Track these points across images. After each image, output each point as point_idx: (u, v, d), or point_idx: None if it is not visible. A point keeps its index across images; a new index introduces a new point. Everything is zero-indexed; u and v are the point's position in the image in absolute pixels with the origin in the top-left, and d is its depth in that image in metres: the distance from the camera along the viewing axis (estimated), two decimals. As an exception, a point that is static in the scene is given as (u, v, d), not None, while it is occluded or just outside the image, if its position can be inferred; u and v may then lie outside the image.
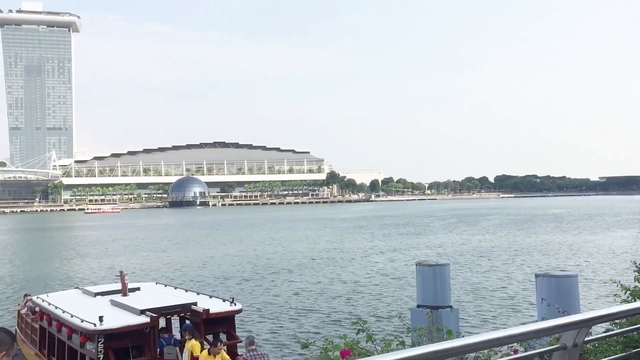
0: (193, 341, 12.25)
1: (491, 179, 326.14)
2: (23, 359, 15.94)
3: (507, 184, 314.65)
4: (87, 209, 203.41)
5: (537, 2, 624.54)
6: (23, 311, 17.05)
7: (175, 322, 15.00)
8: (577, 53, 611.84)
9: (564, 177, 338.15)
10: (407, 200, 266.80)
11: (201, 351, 11.88)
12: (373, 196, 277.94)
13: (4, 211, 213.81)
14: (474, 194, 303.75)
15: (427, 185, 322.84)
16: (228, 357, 11.58)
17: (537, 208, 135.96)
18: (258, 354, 11.62)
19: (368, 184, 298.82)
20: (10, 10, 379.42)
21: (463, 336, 3.67)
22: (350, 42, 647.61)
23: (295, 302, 26.19)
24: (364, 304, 25.18)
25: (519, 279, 31.03)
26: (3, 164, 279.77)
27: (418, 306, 11.79)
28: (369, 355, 4.74)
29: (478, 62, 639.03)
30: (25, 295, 18.15)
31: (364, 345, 5.69)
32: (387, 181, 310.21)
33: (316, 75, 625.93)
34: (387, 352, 4.96)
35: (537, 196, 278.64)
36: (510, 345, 4.59)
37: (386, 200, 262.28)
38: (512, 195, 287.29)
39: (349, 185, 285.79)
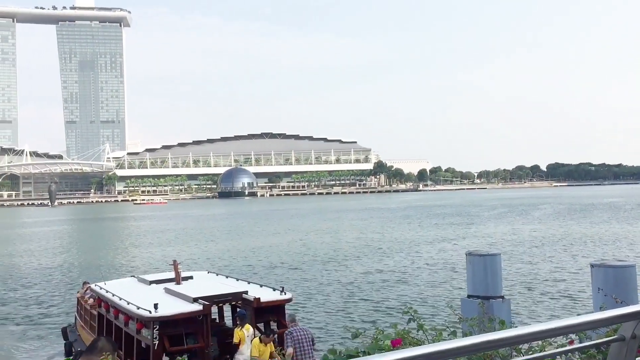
0: (238, 328, 12.49)
1: (543, 167, 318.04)
2: (82, 345, 16.57)
3: (560, 172, 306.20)
4: (136, 200, 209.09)
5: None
6: (84, 299, 17.70)
7: (227, 310, 15.28)
8: (633, 33, 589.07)
9: (620, 164, 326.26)
10: (455, 189, 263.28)
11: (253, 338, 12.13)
12: (421, 186, 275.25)
13: (61, 202, 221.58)
14: (525, 182, 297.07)
15: (476, 174, 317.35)
16: (274, 348, 11.77)
17: (591, 197, 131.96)
18: (300, 328, 11.78)
19: (416, 174, 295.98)
20: (65, 7, 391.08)
21: (516, 327, 3.66)
22: (396, 31, 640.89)
23: (344, 291, 26.30)
24: (412, 294, 25.08)
25: (573, 270, 30.28)
26: (60, 157, 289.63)
27: (468, 296, 11.67)
28: (420, 345, 4.75)
29: (527, 46, 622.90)
30: (85, 282, 18.83)
31: (415, 334, 5.68)
32: (435, 170, 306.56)
33: (362, 64, 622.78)
34: (439, 341, 4.95)
35: (591, 185, 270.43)
36: (566, 336, 4.51)
37: (434, 190, 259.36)
38: (566, 184, 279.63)
39: (396, 175, 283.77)
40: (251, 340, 12.43)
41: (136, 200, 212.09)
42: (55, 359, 17.92)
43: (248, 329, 12.46)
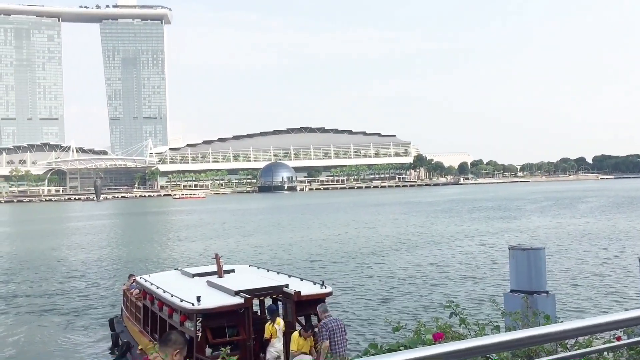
0: (268, 323, 12.61)
1: (589, 160, 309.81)
2: (129, 337, 16.98)
3: (607, 165, 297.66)
4: (175, 195, 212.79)
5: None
6: (129, 291, 18.13)
7: (268, 303, 15.41)
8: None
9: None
10: (497, 182, 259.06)
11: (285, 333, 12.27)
12: (462, 179, 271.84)
13: (106, 197, 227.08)
14: (570, 175, 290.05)
15: (519, 167, 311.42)
16: (313, 342, 11.82)
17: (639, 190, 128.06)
18: (334, 319, 11.80)
19: (456, 167, 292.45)
20: (108, 6, 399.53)
21: (562, 322, 3.66)
22: (434, 22, 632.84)
23: (384, 285, 26.23)
24: (453, 288, 24.83)
25: (620, 264, 29.48)
26: (105, 153, 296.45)
27: (511, 291, 11.52)
28: (462, 339, 4.71)
29: (571, 36, 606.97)
30: (130, 275, 19.29)
31: (457, 328, 5.64)
32: (477, 163, 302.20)
33: (401, 58, 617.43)
34: (481, 336, 4.90)
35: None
36: (613, 332, 4.41)
37: (475, 183, 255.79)
38: (613, 177, 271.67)
39: (436, 168, 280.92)
40: (283, 334, 12.55)
41: (175, 195, 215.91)
42: (103, 349, 18.40)
43: (279, 323, 12.58)
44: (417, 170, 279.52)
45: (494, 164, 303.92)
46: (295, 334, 11.86)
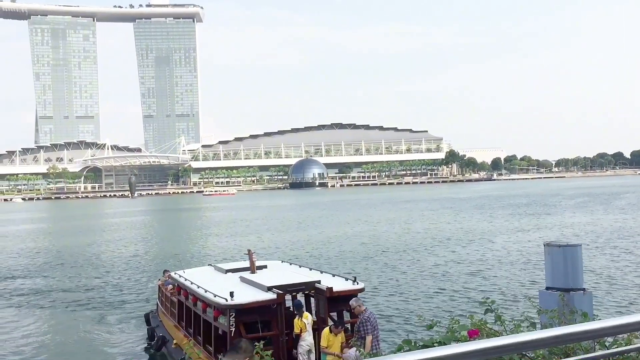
0: (297, 319, 12.68)
1: (627, 155, 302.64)
2: (164, 331, 17.25)
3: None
4: (205, 192, 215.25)
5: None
6: (164, 286, 18.42)
7: (301, 299, 15.47)
8: None
9: None
10: (532, 178, 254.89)
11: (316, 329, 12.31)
12: (495, 175, 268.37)
13: (141, 193, 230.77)
14: (607, 171, 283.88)
15: (553, 163, 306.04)
16: (344, 338, 11.82)
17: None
18: (372, 313, 11.78)
19: (489, 163, 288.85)
20: (141, 5, 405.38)
21: (599, 320, 3.62)
22: (465, 16, 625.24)
23: (416, 282, 26.09)
24: (487, 285, 24.55)
25: (660, 262, 28.75)
26: (139, 150, 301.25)
27: (547, 288, 11.33)
28: (498, 336, 4.67)
29: (609, 28, 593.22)
30: (165, 271, 19.59)
31: (492, 325, 5.58)
32: (510, 159, 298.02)
33: (432, 52, 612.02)
34: (518, 333, 4.84)
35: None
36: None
37: (509, 179, 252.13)
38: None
39: (469, 164, 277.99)
40: (313, 329, 12.59)
41: (205, 191, 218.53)
42: (139, 343, 18.74)
43: (307, 317, 12.62)
44: (450, 166, 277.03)
45: (528, 160, 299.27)
46: (326, 330, 11.88)
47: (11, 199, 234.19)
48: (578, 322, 4.90)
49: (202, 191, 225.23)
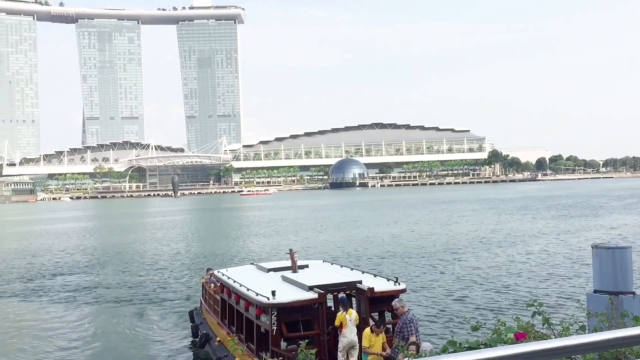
0: (340, 312, 12.66)
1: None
2: (207, 329, 17.51)
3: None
4: (242, 192, 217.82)
5: None
6: (208, 284, 18.68)
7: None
8: None
9: None
10: (578, 179, 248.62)
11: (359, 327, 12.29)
12: (539, 175, 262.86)
13: (183, 193, 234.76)
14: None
15: (601, 163, 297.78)
16: (385, 339, 11.76)
17: None
18: (408, 318, 11.68)
19: (534, 163, 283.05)
20: (184, 7, 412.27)
21: None
22: (510, 13, 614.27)
23: (458, 283, 25.78)
24: (532, 288, 24.06)
25: None
26: (182, 150, 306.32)
27: (595, 291, 11.06)
28: (545, 339, 4.58)
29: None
30: (208, 269, 19.87)
31: (539, 328, 5.47)
32: (556, 159, 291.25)
33: (475, 50, 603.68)
34: (566, 336, 4.74)
35: None
36: None
37: (554, 180, 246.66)
38: None
39: (512, 164, 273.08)
40: (354, 324, 12.57)
41: (242, 191, 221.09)
42: (183, 339, 19.05)
43: (350, 314, 12.61)
44: (492, 166, 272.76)
45: (574, 160, 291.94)
46: (367, 330, 11.85)
47: (59, 198, 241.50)
48: (629, 327, 4.77)
49: (241, 191, 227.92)
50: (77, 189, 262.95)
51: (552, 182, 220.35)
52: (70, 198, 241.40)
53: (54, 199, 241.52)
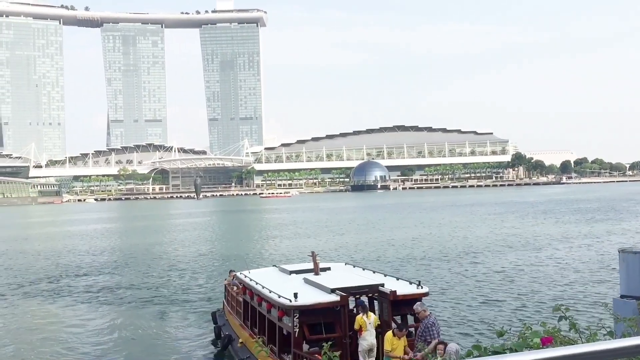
0: (359, 315, 12.64)
1: None
2: (230, 330, 17.58)
3: None
4: (262, 194, 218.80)
5: None
6: (230, 286, 18.79)
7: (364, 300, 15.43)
8: None
9: None
10: (604, 182, 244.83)
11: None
12: (564, 178, 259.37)
13: (205, 195, 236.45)
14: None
15: (627, 166, 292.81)
16: (406, 342, 11.70)
17: None
18: (430, 322, 11.61)
19: (558, 165, 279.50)
20: (207, 11, 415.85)
21: None
22: (531, 14, 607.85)
23: (481, 287, 25.54)
24: (557, 292, 23.73)
25: None
26: (204, 152, 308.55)
27: (622, 296, 10.91)
28: (572, 344, 4.52)
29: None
30: (231, 271, 19.98)
31: (566, 333, 5.39)
32: (581, 162, 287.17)
33: (497, 52, 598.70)
34: (594, 341, 4.67)
35: None
36: None
37: (579, 183, 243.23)
38: None
39: (536, 167, 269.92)
40: (374, 327, 12.53)
41: (262, 193, 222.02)
42: (206, 340, 19.18)
43: (370, 317, 12.58)
44: (516, 169, 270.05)
45: (600, 162, 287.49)
46: (389, 333, 11.80)
47: (84, 199, 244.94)
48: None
49: (262, 193, 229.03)
50: (102, 191, 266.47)
51: (577, 186, 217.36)
52: (95, 199, 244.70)
53: (79, 200, 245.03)
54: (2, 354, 18.58)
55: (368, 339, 12.38)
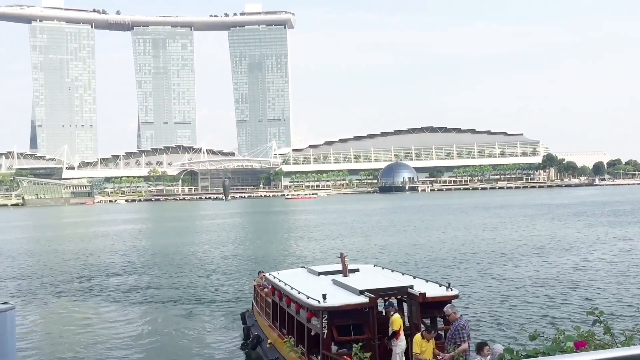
0: (396, 315, 12.60)
1: None
2: (259, 330, 17.68)
3: None
4: (287, 195, 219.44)
5: None
6: (259, 286, 18.89)
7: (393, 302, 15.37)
8: None
9: None
10: (638, 184, 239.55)
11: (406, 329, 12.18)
12: (597, 180, 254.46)
13: (234, 196, 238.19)
14: None
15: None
16: (435, 345, 11.63)
17: None
18: (461, 324, 11.51)
19: (591, 167, 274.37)
20: (235, 14, 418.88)
21: None
22: (562, 14, 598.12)
23: (512, 290, 25.19)
24: (590, 296, 23.28)
25: None
26: (232, 154, 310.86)
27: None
28: (607, 349, 4.45)
29: None
30: (260, 272, 20.10)
31: (601, 337, 5.29)
32: (614, 163, 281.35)
33: (527, 51, 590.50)
34: (629, 345, 4.59)
35: None
36: None
37: (612, 185, 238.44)
38: None
39: (568, 169, 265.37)
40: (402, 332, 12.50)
41: (287, 195, 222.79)
42: (235, 341, 19.32)
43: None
44: (547, 170, 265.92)
45: (634, 164, 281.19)
46: (418, 336, 11.75)
47: (115, 201, 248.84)
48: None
49: (288, 194, 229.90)
50: (132, 192, 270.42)
51: (610, 187, 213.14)
52: (126, 201, 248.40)
53: (110, 201, 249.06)
54: (37, 350, 19.00)
55: (403, 340, 12.38)
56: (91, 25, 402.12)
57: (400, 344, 12.33)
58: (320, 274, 16.06)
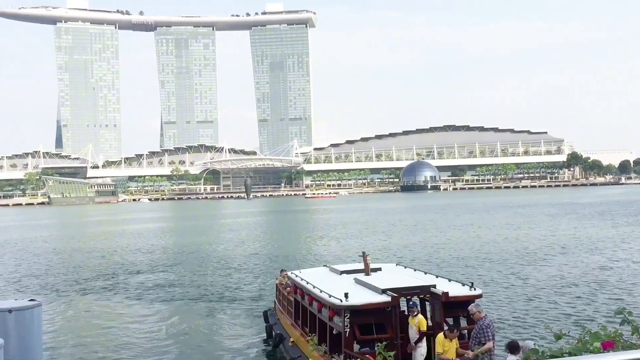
0: (420, 316, 12.54)
1: None
2: (281, 329, 17.73)
3: None
4: (307, 195, 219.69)
5: None
6: (282, 285, 18.95)
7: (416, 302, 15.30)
8: None
9: None
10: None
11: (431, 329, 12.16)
12: (623, 178, 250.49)
13: (255, 195, 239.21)
14: None
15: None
16: (458, 344, 11.54)
17: None
18: (485, 323, 11.40)
19: (617, 165, 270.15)
20: (257, 13, 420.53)
21: None
22: (588, 15, 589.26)
23: (536, 289, 24.90)
24: (617, 296, 22.91)
25: None
26: (254, 153, 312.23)
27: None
28: (635, 349, 4.38)
29: None
30: (282, 270, 20.16)
31: (628, 337, 5.20)
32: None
33: (551, 50, 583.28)
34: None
35: None
36: None
37: (639, 183, 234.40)
38: None
39: (593, 167, 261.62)
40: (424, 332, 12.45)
41: (307, 194, 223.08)
42: (257, 339, 19.40)
43: (415, 319, 12.58)
44: (572, 169, 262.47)
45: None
46: (440, 335, 11.67)
47: (139, 199, 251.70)
48: None
49: (308, 193, 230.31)
50: (155, 191, 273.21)
51: (636, 186, 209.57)
52: (149, 199, 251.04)
53: (133, 200, 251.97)
54: (62, 346, 19.29)
55: (424, 347, 12.33)
56: (115, 25, 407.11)
57: (421, 350, 12.27)
58: (342, 272, 16.05)
